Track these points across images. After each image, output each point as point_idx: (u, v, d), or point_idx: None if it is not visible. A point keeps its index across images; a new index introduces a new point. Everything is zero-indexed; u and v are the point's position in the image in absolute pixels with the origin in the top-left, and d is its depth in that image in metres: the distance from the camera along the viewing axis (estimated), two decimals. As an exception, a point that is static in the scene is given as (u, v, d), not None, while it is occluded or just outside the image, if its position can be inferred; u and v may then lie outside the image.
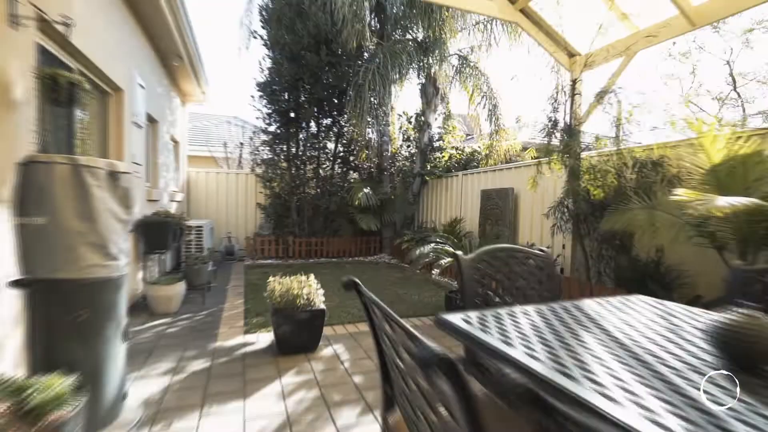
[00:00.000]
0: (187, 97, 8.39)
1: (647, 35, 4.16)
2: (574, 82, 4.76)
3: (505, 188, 6.77)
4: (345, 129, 9.35)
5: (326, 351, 3.61)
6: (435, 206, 9.37)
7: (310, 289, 3.50)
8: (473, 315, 1.73)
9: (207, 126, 15.40)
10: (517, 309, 1.88)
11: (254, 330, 4.13)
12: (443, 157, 9.74)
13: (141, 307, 4.65)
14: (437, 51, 8.58)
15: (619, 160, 4.00)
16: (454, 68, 9.06)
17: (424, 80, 9.82)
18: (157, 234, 4.92)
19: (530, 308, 1.93)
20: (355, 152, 9.64)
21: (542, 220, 6.15)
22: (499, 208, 6.88)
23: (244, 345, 3.69)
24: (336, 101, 8.72)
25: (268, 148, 8.71)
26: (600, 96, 4.29)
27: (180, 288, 4.64)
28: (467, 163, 9.30)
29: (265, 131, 8.67)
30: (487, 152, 8.47)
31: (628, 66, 4.79)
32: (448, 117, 10.14)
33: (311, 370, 3.18)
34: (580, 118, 4.76)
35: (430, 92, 9.76)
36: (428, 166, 9.51)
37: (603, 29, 4.36)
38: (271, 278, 3.69)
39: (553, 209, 5.07)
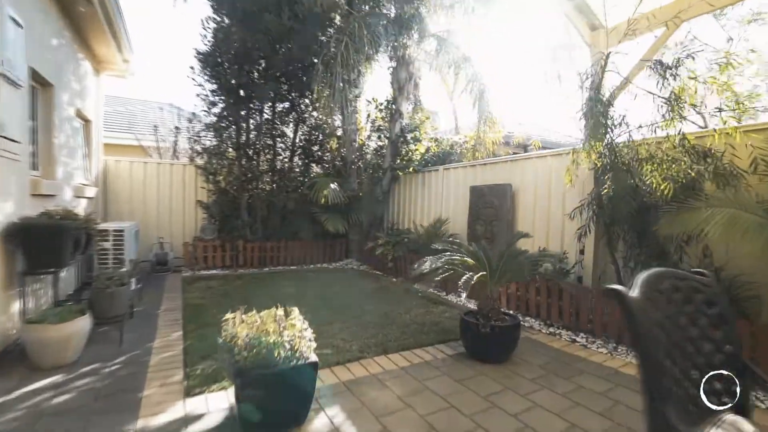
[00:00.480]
0: (104, 65, 6.55)
1: (707, -3, 3.41)
2: (607, 56, 3.93)
3: (502, 184, 5.90)
4: (307, 113, 7.99)
5: (319, 423, 2.37)
6: (409, 205, 8.33)
7: (294, 332, 2.25)
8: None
9: (133, 111, 13.07)
10: None
11: (200, 388, 2.76)
12: (416, 149, 8.74)
13: (15, 359, 3.05)
14: (415, 28, 7.55)
15: (681, 146, 3.19)
16: (433, 51, 8.08)
17: (395, 64, 8.76)
18: (46, 243, 3.33)
19: None
20: (318, 141, 8.30)
21: (548, 220, 5.36)
22: (493, 207, 6.00)
23: (186, 422, 2.34)
24: (298, 78, 7.31)
25: (212, 133, 7.09)
26: (645, 63, 3.48)
27: (81, 324, 3.11)
28: (445, 157, 8.38)
29: (208, 111, 7.02)
30: (473, 144, 7.58)
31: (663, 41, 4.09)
32: (418, 107, 9.12)
33: (303, 470, 1.95)
34: (611, 99, 3.93)
35: (403, 77, 8.70)
36: (398, 160, 8.46)
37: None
38: (229, 315, 2.38)
39: (579, 209, 4.23)
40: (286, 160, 8.14)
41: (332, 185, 7.51)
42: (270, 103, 7.59)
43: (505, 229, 5.81)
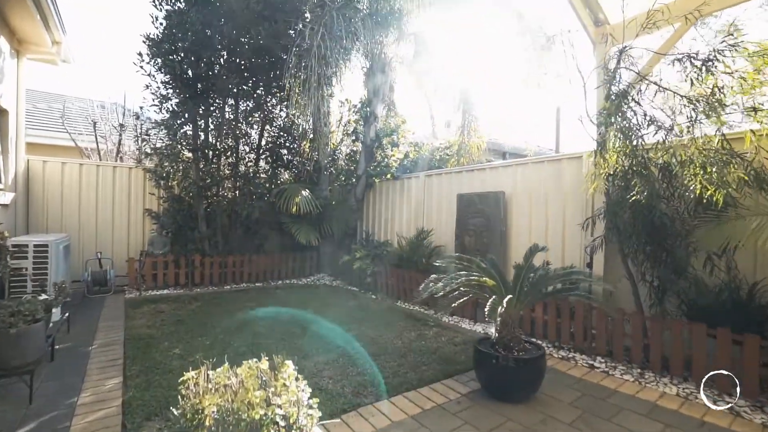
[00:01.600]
0: (27, 46, 5.45)
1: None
2: (621, 50, 3.59)
3: (494, 192, 5.47)
4: (275, 112, 7.21)
5: None
6: (386, 214, 7.75)
7: (289, 397, 1.56)
8: None
9: (70, 110, 11.53)
10: None
11: (144, 470, 1.97)
12: (393, 155, 8.22)
13: None
14: (393, 25, 7.06)
15: (723, 148, 2.85)
16: (411, 51, 7.64)
17: (369, 64, 8.23)
18: None
19: None
20: (287, 144, 7.52)
21: (547, 230, 4.96)
22: (484, 216, 5.55)
23: None
24: (265, 72, 6.50)
25: (164, 131, 6.13)
26: (664, 58, 3.15)
27: (-32, 383, 2.20)
28: (424, 163, 7.90)
29: (159, 107, 6.04)
30: (457, 150, 7.14)
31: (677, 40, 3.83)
32: (392, 111, 8.59)
33: None
34: (627, 93, 3.58)
35: (379, 79, 8.18)
36: (373, 166, 7.89)
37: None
38: (189, 374, 1.63)
39: (592, 218, 3.83)
40: (250, 163, 7.29)
41: (304, 192, 6.77)
42: (233, 100, 6.75)
43: (499, 240, 5.37)
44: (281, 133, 7.37)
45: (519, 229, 5.32)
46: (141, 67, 5.79)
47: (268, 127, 7.36)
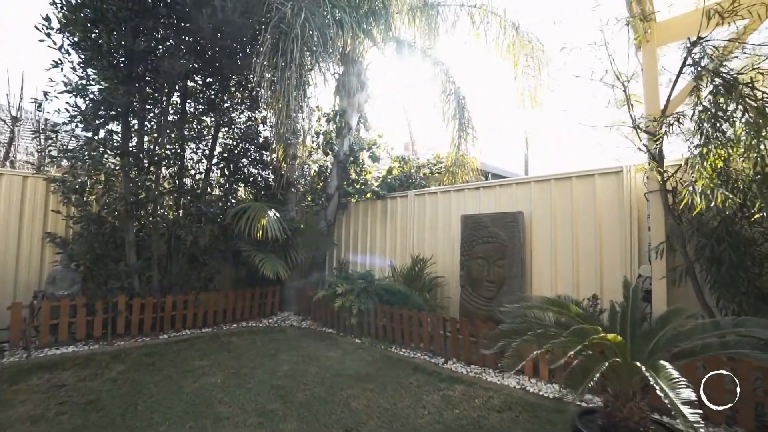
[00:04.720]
0: None
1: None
2: (695, 42, 3.01)
3: (511, 213, 4.66)
4: (233, 114, 5.87)
5: None
6: (365, 240, 6.65)
7: None
8: None
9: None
10: None
11: None
12: (369, 171, 7.22)
13: None
14: (376, 26, 6.22)
15: None
16: (392, 55, 6.84)
17: (343, 69, 7.30)
18: None
19: None
20: (249, 154, 6.15)
21: (576, 259, 4.21)
22: (498, 241, 4.69)
23: None
24: (226, 61, 5.15)
25: (80, 126, 4.50)
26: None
27: None
28: (407, 180, 6.99)
29: (76, 92, 4.40)
30: (451, 165, 6.31)
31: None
32: (366, 122, 7.65)
33: None
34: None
35: (354, 86, 7.26)
36: (345, 183, 6.82)
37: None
38: None
39: (665, 244, 3.10)
40: (200, 176, 5.81)
41: (271, 213, 5.44)
42: (179, 98, 5.33)
43: (519, 270, 4.51)
44: (241, 141, 6.01)
45: (541, 257, 4.54)
46: (48, 35, 4.19)
47: (224, 129, 5.98)
